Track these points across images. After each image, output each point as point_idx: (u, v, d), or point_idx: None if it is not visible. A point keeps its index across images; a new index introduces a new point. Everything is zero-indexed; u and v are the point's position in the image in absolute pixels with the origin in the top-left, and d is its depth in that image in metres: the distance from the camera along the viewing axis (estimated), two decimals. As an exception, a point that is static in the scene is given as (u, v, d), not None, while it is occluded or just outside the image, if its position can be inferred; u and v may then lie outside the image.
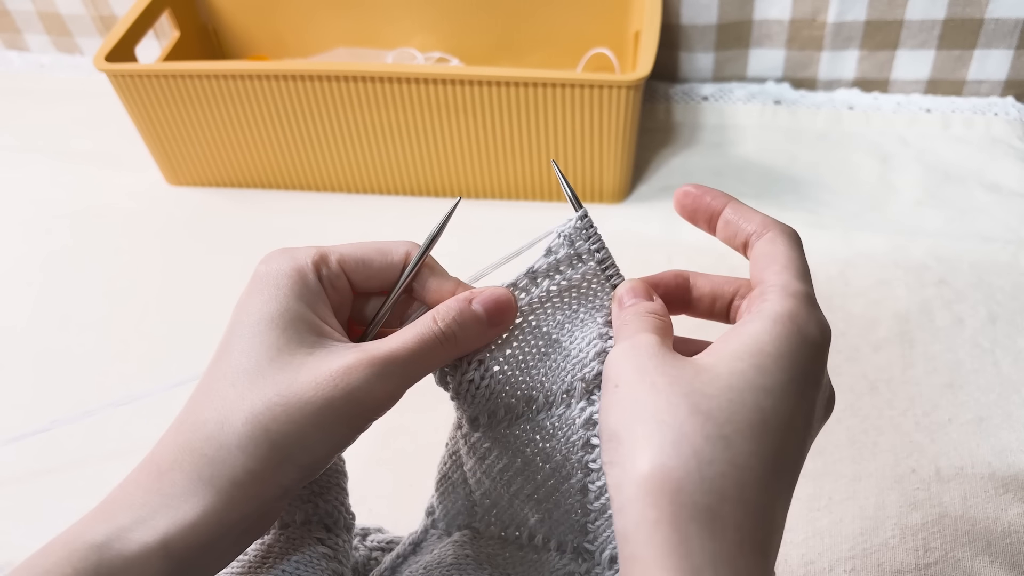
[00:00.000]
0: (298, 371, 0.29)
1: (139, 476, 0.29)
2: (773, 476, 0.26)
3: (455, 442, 0.35)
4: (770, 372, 0.26)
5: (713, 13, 0.77)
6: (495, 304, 0.32)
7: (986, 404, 0.53)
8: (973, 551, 0.46)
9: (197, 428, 0.29)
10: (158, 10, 0.73)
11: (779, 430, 0.26)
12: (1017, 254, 0.62)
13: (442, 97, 0.63)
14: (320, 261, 0.32)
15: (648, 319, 0.31)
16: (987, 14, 0.72)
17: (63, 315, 0.63)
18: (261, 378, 0.29)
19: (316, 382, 0.28)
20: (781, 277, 0.30)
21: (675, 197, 0.34)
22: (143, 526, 0.27)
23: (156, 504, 0.28)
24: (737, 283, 0.34)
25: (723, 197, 0.33)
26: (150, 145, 0.71)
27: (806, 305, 0.28)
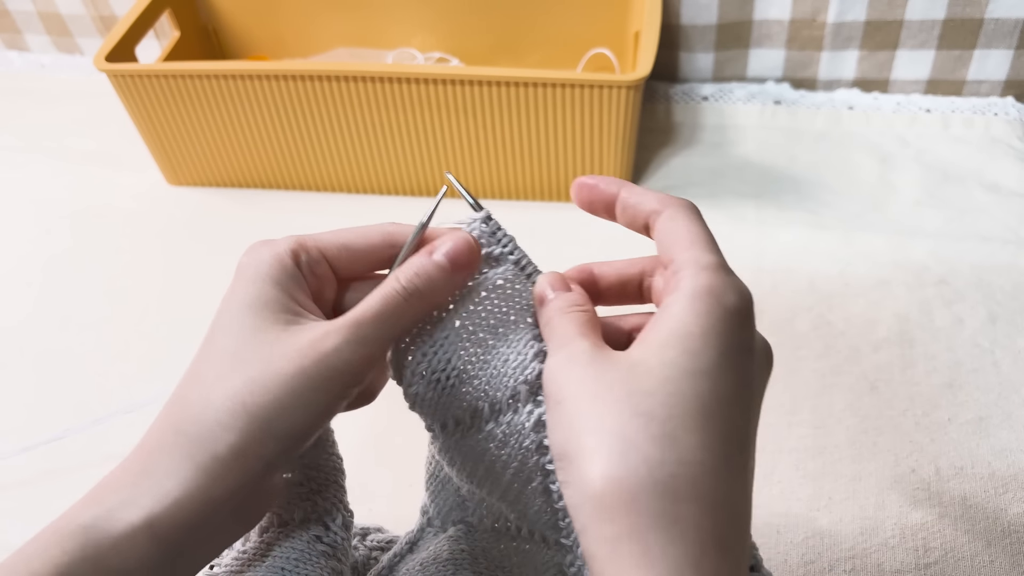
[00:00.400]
0: (273, 347, 0.30)
1: (127, 462, 0.30)
2: (725, 462, 0.25)
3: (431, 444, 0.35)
4: (700, 353, 0.26)
5: (713, 13, 0.77)
6: (454, 248, 0.32)
7: (986, 404, 0.53)
8: (973, 551, 0.46)
9: (181, 410, 0.30)
10: (158, 10, 0.73)
11: (722, 411, 0.26)
12: (1017, 254, 0.62)
13: (442, 97, 0.63)
14: (299, 248, 0.32)
15: (573, 316, 0.30)
16: (987, 14, 0.72)
17: (63, 315, 0.64)
18: (240, 358, 0.30)
19: (288, 354, 0.29)
20: (690, 253, 0.29)
21: (572, 192, 0.33)
22: (129, 506, 0.28)
23: (141, 484, 0.28)
24: (641, 263, 0.33)
25: (616, 183, 0.33)
26: (150, 145, 0.71)
27: (721, 274, 0.28)
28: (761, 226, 0.66)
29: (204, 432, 0.29)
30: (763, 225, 0.67)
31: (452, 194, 0.37)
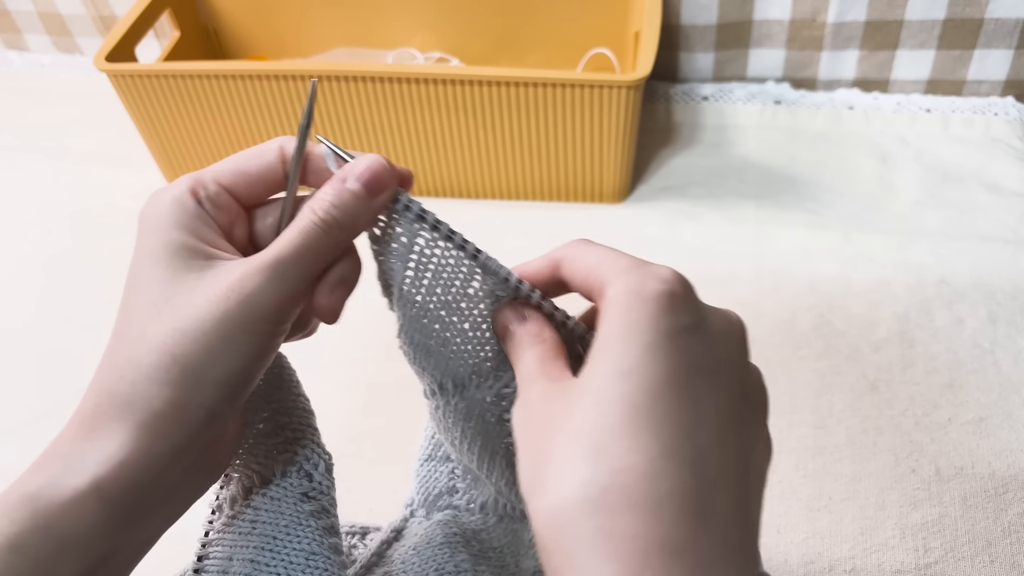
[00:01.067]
0: (191, 294, 0.29)
1: (67, 430, 0.30)
2: (667, 457, 0.22)
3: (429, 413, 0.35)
4: (622, 353, 0.24)
5: (713, 13, 0.77)
6: (369, 173, 0.30)
7: (986, 404, 0.53)
8: (973, 551, 0.46)
9: (111, 373, 0.29)
10: (158, 10, 0.73)
11: (654, 405, 0.23)
12: (1017, 254, 0.62)
13: (442, 97, 0.63)
14: (196, 185, 0.31)
15: (533, 352, 0.29)
16: (987, 14, 0.72)
17: (64, 315, 0.64)
18: (157, 311, 0.29)
19: (210, 299, 0.28)
20: (603, 269, 0.27)
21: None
22: (73, 472, 0.28)
23: (84, 450, 0.28)
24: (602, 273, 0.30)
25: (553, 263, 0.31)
26: (150, 145, 0.71)
27: (635, 271, 0.26)
28: (761, 226, 0.66)
29: (138, 391, 0.28)
30: (763, 225, 0.67)
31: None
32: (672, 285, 0.25)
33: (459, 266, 0.30)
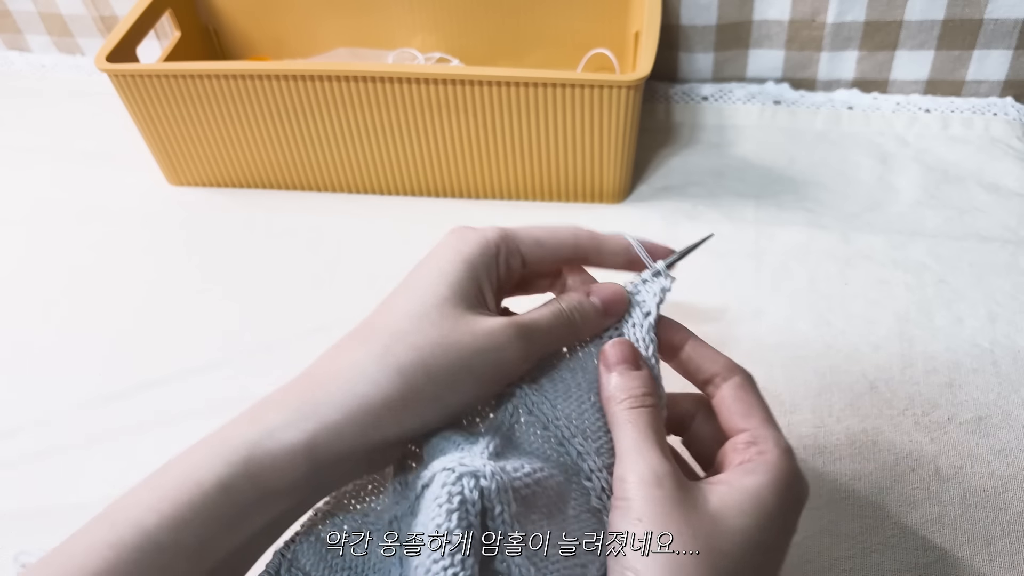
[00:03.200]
0: (457, 322, 0.33)
1: (293, 386, 0.32)
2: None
3: None
4: (769, 530, 0.30)
5: (713, 14, 0.77)
6: (609, 297, 0.36)
7: (985, 403, 0.53)
8: (972, 550, 0.46)
9: (359, 350, 0.32)
10: (159, 11, 0.73)
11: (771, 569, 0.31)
12: (1016, 254, 0.63)
13: (442, 97, 0.63)
14: (501, 240, 0.36)
15: (640, 417, 0.33)
16: (986, 14, 0.72)
17: (64, 315, 0.64)
18: (427, 320, 0.32)
19: (473, 333, 0.32)
20: (768, 431, 0.33)
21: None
22: (292, 427, 0.30)
23: (307, 410, 0.30)
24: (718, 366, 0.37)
25: (683, 332, 0.37)
26: (151, 145, 0.71)
27: (794, 463, 0.32)
28: (761, 226, 0.67)
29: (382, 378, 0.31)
30: (763, 225, 0.67)
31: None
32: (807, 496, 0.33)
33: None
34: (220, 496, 0.28)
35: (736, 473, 0.31)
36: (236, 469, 0.29)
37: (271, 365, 0.58)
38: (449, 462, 0.30)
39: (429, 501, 0.29)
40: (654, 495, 0.29)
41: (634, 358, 0.35)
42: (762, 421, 0.34)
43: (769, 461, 0.31)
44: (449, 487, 0.29)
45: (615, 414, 0.33)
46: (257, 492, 0.29)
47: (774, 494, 0.30)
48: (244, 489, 0.29)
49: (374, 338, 0.32)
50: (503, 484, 0.30)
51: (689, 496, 0.30)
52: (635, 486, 0.30)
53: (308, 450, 0.30)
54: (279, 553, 0.33)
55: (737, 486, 0.31)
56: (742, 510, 0.30)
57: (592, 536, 0.32)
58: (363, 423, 0.30)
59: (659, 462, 0.31)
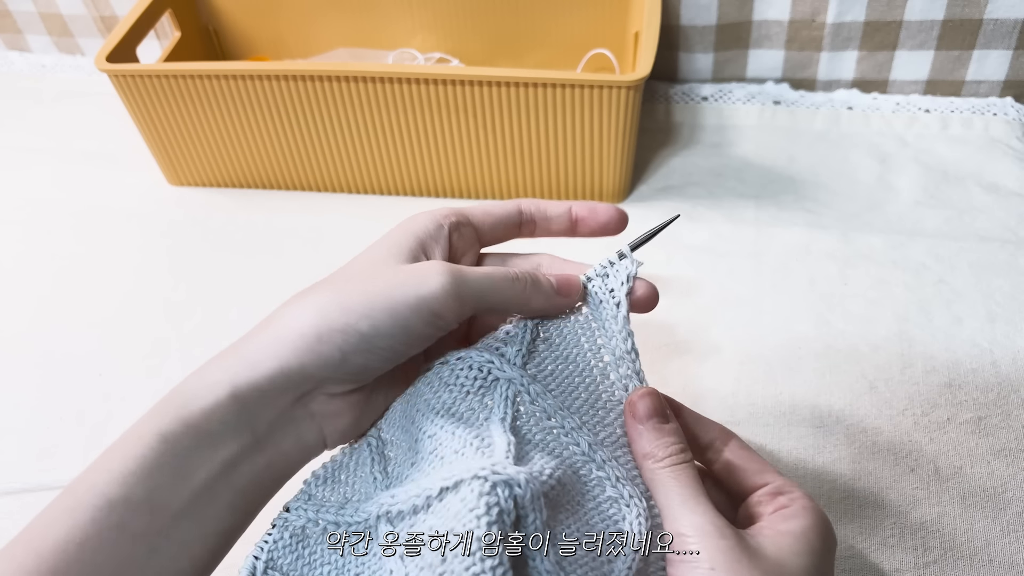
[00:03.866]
0: (386, 268, 0.34)
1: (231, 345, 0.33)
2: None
3: None
4: (819, 569, 0.31)
5: (712, 14, 0.77)
6: (564, 279, 0.37)
7: (985, 404, 0.53)
8: (972, 550, 0.46)
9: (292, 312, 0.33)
10: (159, 11, 0.73)
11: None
12: (1016, 254, 0.63)
13: (442, 97, 0.63)
14: (451, 213, 0.37)
15: (681, 474, 0.33)
16: (986, 15, 0.72)
17: (64, 316, 0.64)
18: (356, 272, 0.34)
19: (396, 270, 0.34)
20: (786, 481, 0.35)
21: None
22: (216, 368, 0.32)
23: (231, 353, 0.32)
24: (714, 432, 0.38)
25: (674, 403, 0.38)
26: (151, 145, 0.71)
27: (822, 511, 0.34)
28: (761, 226, 0.67)
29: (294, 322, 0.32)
30: (763, 225, 0.67)
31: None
32: (834, 531, 0.34)
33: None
34: (160, 445, 0.30)
35: (776, 519, 0.33)
36: (171, 417, 0.30)
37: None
38: (480, 469, 0.29)
39: (459, 508, 0.29)
40: (720, 545, 0.30)
41: (663, 409, 0.35)
42: (775, 474, 0.35)
43: (804, 506, 0.33)
44: (486, 497, 0.28)
45: (655, 473, 0.33)
46: (191, 434, 0.30)
47: (818, 535, 0.32)
48: (179, 433, 0.30)
49: (301, 296, 0.34)
50: (536, 492, 0.30)
51: (748, 544, 0.31)
52: (699, 539, 0.31)
53: (230, 385, 0.31)
54: (252, 556, 0.33)
55: (784, 531, 0.32)
56: (797, 552, 0.31)
57: (613, 529, 0.32)
58: (276, 354, 0.31)
59: (715, 515, 0.31)
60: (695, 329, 0.59)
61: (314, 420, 0.34)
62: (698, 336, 0.58)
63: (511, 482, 0.29)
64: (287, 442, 0.33)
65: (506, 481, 0.29)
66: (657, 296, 0.39)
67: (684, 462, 0.33)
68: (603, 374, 0.36)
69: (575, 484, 0.33)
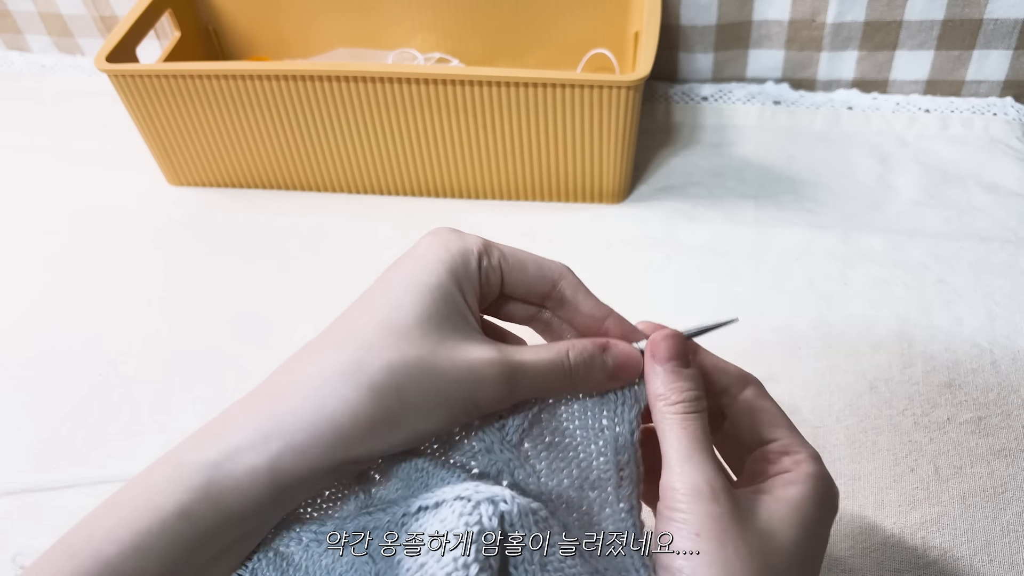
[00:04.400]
0: (440, 343, 0.30)
1: (256, 398, 0.30)
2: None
3: None
4: (812, 540, 0.30)
5: (712, 14, 0.77)
6: (624, 360, 0.33)
7: (985, 404, 0.53)
8: (972, 550, 0.46)
9: (328, 362, 0.30)
10: (159, 11, 0.73)
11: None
12: (1015, 254, 0.63)
13: (442, 97, 0.63)
14: (484, 251, 0.33)
15: (691, 423, 0.31)
16: (986, 15, 0.72)
17: (63, 315, 0.64)
18: (405, 338, 0.30)
19: (453, 361, 0.30)
20: (797, 438, 0.33)
21: (650, 348, 0.34)
22: (255, 448, 0.28)
23: (270, 428, 0.28)
24: (730, 376, 0.36)
25: (691, 344, 0.35)
26: (151, 145, 0.71)
27: (825, 469, 0.32)
28: (760, 226, 0.67)
29: (352, 395, 0.29)
30: (762, 225, 0.67)
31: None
32: (837, 491, 0.33)
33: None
34: (181, 523, 0.27)
35: (776, 484, 0.31)
36: (197, 495, 0.27)
37: (271, 365, 0.57)
38: (463, 490, 0.28)
39: (437, 528, 0.28)
40: (712, 511, 0.29)
41: (685, 354, 0.33)
42: (789, 430, 0.33)
43: (806, 472, 0.31)
44: (467, 517, 0.27)
45: (664, 416, 0.32)
46: (219, 516, 0.28)
47: (815, 505, 0.31)
48: (205, 514, 0.28)
49: (345, 348, 0.30)
50: (524, 509, 0.28)
51: (740, 510, 0.30)
52: (691, 500, 0.29)
53: (271, 472, 0.28)
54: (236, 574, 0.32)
55: (781, 498, 0.31)
56: (790, 523, 0.30)
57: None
58: (329, 443, 0.28)
59: (714, 475, 0.30)
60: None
61: (336, 478, 0.32)
62: (697, 337, 0.58)
63: (496, 499, 0.27)
64: (307, 498, 0.32)
65: (490, 498, 0.27)
66: None
67: (696, 411, 0.32)
68: (600, 453, 0.34)
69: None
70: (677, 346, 0.33)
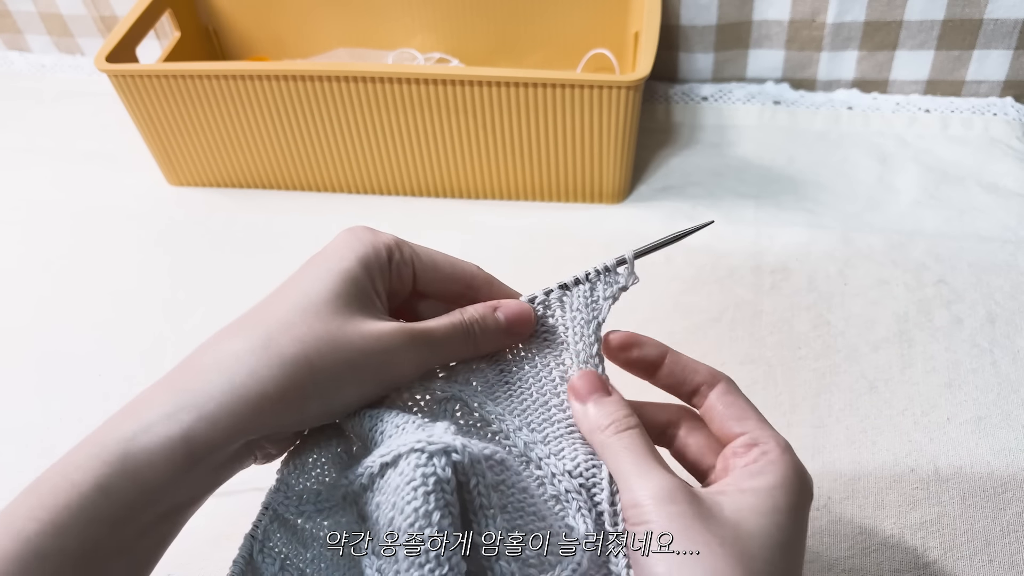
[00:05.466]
0: (347, 320, 0.32)
1: (171, 377, 0.31)
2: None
3: None
4: (787, 529, 0.30)
5: (712, 14, 0.77)
6: (515, 315, 0.36)
7: (985, 404, 0.53)
8: (972, 550, 0.46)
9: (240, 339, 0.31)
10: (159, 11, 0.73)
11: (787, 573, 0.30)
12: (1015, 254, 0.63)
13: (442, 97, 0.63)
14: (395, 246, 0.35)
15: (631, 438, 0.33)
16: (986, 15, 0.72)
17: (64, 316, 0.64)
18: (315, 315, 0.32)
19: (362, 333, 0.32)
20: (765, 430, 0.33)
21: (608, 344, 0.36)
22: (168, 420, 0.29)
23: (183, 401, 0.29)
24: (669, 412, 0.37)
25: (660, 347, 0.36)
26: (151, 145, 0.71)
27: (796, 458, 0.33)
28: (760, 226, 0.67)
29: (262, 369, 0.30)
30: (762, 225, 0.67)
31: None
32: (811, 480, 0.33)
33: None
34: (99, 498, 0.28)
35: (742, 475, 0.32)
36: (113, 468, 0.28)
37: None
38: (416, 442, 0.29)
39: (398, 482, 0.29)
40: (672, 511, 0.29)
41: (604, 386, 0.35)
42: (757, 422, 0.34)
43: (773, 460, 0.32)
44: (422, 468, 0.28)
45: (604, 443, 0.33)
46: (136, 489, 0.28)
47: (784, 492, 0.31)
48: (123, 488, 0.28)
49: (257, 328, 0.31)
50: (476, 456, 0.30)
51: (705, 507, 0.30)
52: (652, 506, 0.30)
53: (185, 443, 0.29)
54: (248, 535, 0.33)
55: (747, 488, 0.31)
56: (759, 511, 0.30)
57: (560, 524, 0.32)
58: (240, 414, 0.29)
59: (666, 478, 0.30)
60: (694, 329, 0.59)
61: (253, 452, 0.33)
62: (697, 336, 0.58)
63: (448, 449, 0.29)
64: (227, 476, 0.32)
65: (443, 449, 0.29)
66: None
67: (629, 428, 0.33)
68: (563, 377, 0.36)
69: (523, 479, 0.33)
70: (593, 380, 0.35)
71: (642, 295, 0.61)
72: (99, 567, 0.28)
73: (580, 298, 0.37)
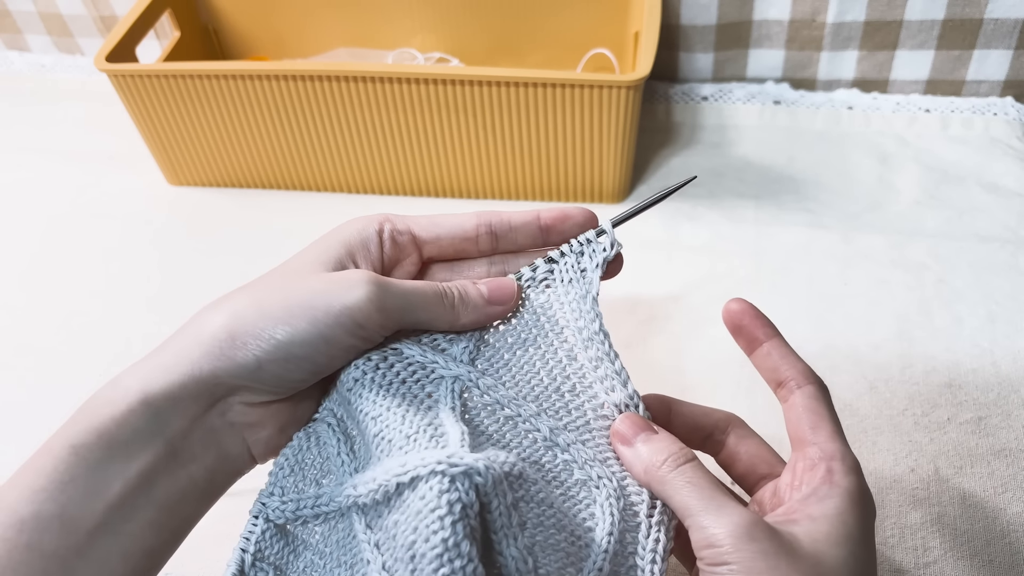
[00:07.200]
0: (309, 278, 0.33)
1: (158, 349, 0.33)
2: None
3: None
4: (862, 557, 0.30)
5: (712, 13, 0.77)
6: (495, 285, 0.35)
7: (985, 404, 0.53)
8: (972, 550, 0.46)
9: (207, 316, 0.32)
10: (159, 10, 0.73)
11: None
12: (1016, 254, 0.63)
13: (442, 97, 0.63)
14: (385, 218, 0.36)
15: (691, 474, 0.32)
16: (986, 14, 0.72)
17: (63, 315, 0.64)
18: (279, 276, 0.34)
19: (319, 277, 0.32)
20: (837, 445, 0.32)
21: (726, 309, 0.35)
22: (129, 374, 0.31)
23: (145, 360, 0.31)
24: (716, 416, 0.36)
25: (771, 330, 0.36)
26: (151, 145, 0.71)
27: (863, 478, 0.32)
28: (761, 226, 0.67)
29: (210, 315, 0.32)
30: (763, 225, 0.67)
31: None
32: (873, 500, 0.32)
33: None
34: (71, 457, 0.28)
35: (810, 500, 0.31)
36: (81, 427, 0.29)
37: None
38: (436, 463, 0.28)
39: (419, 507, 0.28)
40: (754, 551, 0.28)
41: (648, 425, 0.34)
42: (830, 435, 0.33)
43: (841, 484, 0.31)
44: (447, 495, 0.27)
45: (663, 479, 0.32)
46: (103, 445, 0.29)
47: (855, 516, 0.30)
48: (91, 444, 0.29)
49: (218, 300, 0.33)
50: (498, 476, 0.29)
51: (784, 541, 0.29)
52: (731, 546, 0.28)
53: (141, 392, 0.30)
54: (240, 549, 0.32)
55: (818, 516, 0.30)
56: (835, 541, 0.29)
57: (585, 512, 0.32)
58: (189, 357, 0.30)
59: (740, 514, 0.29)
60: (694, 329, 0.59)
61: (235, 430, 0.33)
62: (698, 337, 0.58)
63: (470, 471, 0.28)
64: (209, 455, 0.32)
65: (465, 472, 0.28)
66: (622, 262, 0.37)
67: (688, 460, 0.32)
68: (569, 356, 0.35)
69: (539, 473, 0.32)
70: (637, 421, 0.34)
71: (642, 294, 0.62)
72: (80, 538, 0.28)
73: (568, 271, 0.36)
